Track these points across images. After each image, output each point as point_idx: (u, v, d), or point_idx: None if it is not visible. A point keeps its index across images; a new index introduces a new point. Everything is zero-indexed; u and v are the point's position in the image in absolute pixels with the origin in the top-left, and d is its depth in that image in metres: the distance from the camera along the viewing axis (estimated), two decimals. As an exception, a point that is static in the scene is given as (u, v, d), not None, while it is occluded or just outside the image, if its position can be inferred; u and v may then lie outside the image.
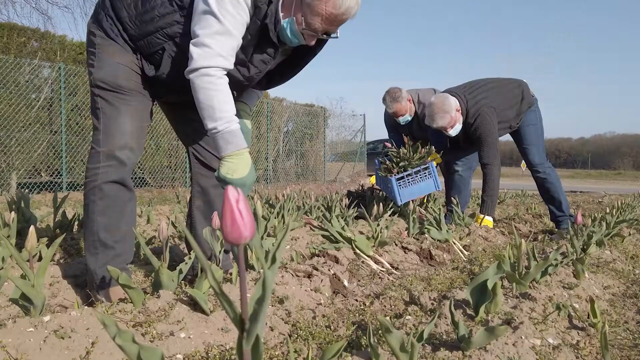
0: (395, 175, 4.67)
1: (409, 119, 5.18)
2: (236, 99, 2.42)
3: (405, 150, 4.70)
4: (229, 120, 1.99)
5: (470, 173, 5.04)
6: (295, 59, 2.33)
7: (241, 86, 2.24)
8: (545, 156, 4.68)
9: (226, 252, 2.40)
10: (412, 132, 5.32)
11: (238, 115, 2.40)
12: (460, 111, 4.38)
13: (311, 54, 2.28)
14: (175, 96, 2.35)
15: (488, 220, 4.48)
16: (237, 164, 2.03)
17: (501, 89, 4.54)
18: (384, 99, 5.14)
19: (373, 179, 5.92)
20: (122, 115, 2.12)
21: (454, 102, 4.33)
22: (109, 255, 2.13)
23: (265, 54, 2.16)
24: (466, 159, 4.94)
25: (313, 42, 2.13)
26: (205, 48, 1.95)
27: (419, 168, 4.66)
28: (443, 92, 4.62)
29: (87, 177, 2.13)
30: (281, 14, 2.05)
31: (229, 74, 2.08)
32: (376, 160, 5.22)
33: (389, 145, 4.86)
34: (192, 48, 1.97)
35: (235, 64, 2.10)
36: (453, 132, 4.41)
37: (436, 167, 4.75)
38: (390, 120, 5.40)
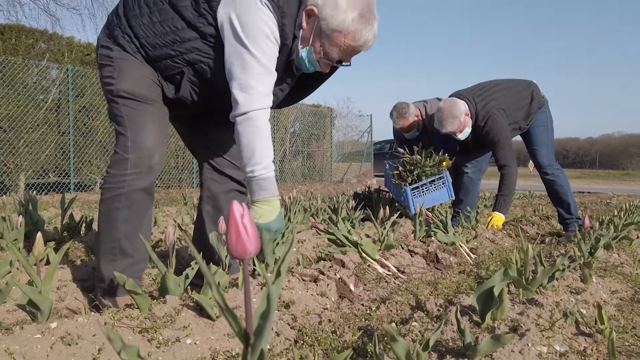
0: (409, 185, 4.64)
1: (417, 134, 5.15)
2: None
3: (419, 157, 4.66)
4: (266, 167, 2.03)
5: (479, 175, 5.00)
6: (308, 82, 2.37)
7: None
8: (555, 158, 4.66)
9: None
10: (423, 144, 5.27)
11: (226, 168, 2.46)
12: (469, 115, 4.36)
13: (323, 78, 2.33)
14: (190, 112, 2.39)
15: (499, 216, 4.46)
16: (266, 210, 2.07)
17: (510, 90, 4.51)
18: (391, 115, 5.11)
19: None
20: (148, 123, 2.14)
21: (462, 106, 4.32)
22: (127, 262, 2.13)
23: (284, 84, 2.21)
24: (476, 161, 4.90)
25: (328, 70, 2.18)
26: (250, 91, 1.98)
27: (434, 178, 4.63)
28: (451, 95, 4.61)
29: (111, 183, 2.10)
30: (300, 44, 2.09)
31: None
32: (386, 163, 5.17)
33: (402, 151, 4.80)
34: (236, 92, 1.99)
35: None
36: (462, 136, 4.40)
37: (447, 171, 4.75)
38: (399, 133, 5.35)
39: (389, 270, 2.90)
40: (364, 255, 2.91)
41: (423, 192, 4.66)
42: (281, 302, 2.12)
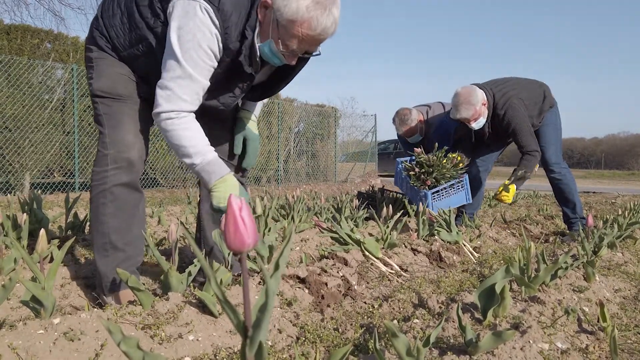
0: (429, 188, 4.48)
1: (420, 138, 5.17)
2: (236, 107, 2.48)
3: (436, 158, 4.53)
4: (203, 153, 2.02)
5: (485, 175, 4.96)
6: (286, 71, 2.32)
7: (217, 110, 2.25)
8: (562, 157, 4.62)
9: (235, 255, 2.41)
10: (424, 147, 5.27)
11: (241, 122, 2.44)
12: (486, 105, 4.32)
13: (299, 66, 2.26)
14: None
15: (512, 187, 4.31)
16: (224, 190, 2.05)
17: (525, 86, 4.49)
18: (393, 120, 5.16)
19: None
20: (125, 119, 2.15)
21: (481, 95, 4.27)
22: (120, 257, 2.15)
23: (242, 83, 2.17)
24: (482, 161, 4.85)
25: (294, 62, 2.12)
26: (168, 91, 1.97)
27: (454, 182, 4.52)
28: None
29: (95, 180, 2.14)
30: (258, 39, 2.05)
31: (204, 103, 2.12)
32: (398, 162, 4.94)
33: (418, 150, 4.65)
34: (157, 90, 2.00)
35: (212, 94, 2.14)
36: (476, 125, 4.34)
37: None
38: (403, 138, 5.40)
39: (391, 269, 2.90)
40: (367, 253, 2.91)
41: (442, 195, 4.52)
42: (284, 299, 2.12)
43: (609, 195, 11.05)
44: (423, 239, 3.66)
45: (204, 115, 2.27)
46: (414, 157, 4.70)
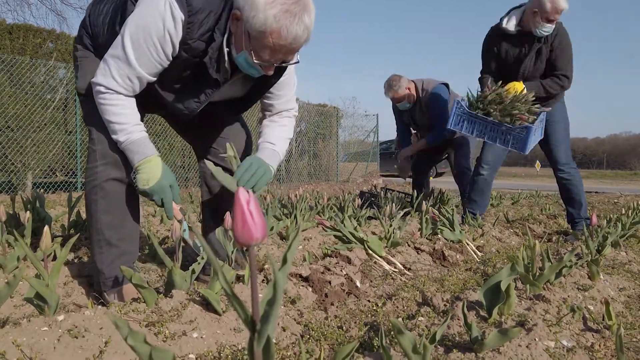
0: (531, 122, 4.04)
1: (407, 105, 5.44)
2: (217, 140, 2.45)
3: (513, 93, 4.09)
4: (129, 132, 2.00)
5: (494, 175, 4.87)
6: (263, 82, 2.28)
7: (184, 115, 2.20)
8: (572, 157, 4.56)
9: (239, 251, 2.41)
10: (414, 117, 5.60)
11: (221, 161, 2.40)
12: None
13: (276, 76, 2.22)
14: (156, 111, 2.43)
15: (521, 84, 4.17)
16: (148, 170, 2.02)
17: None
18: (384, 86, 5.44)
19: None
20: None
21: None
22: (114, 253, 2.15)
23: (208, 89, 2.12)
24: (492, 161, 4.75)
25: (272, 72, 2.08)
26: (105, 66, 1.98)
27: (541, 115, 4.13)
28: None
29: (87, 177, 2.15)
30: (234, 49, 2.02)
31: (168, 103, 2.12)
32: (457, 102, 4.32)
33: (490, 87, 4.22)
34: (100, 61, 2.01)
35: (176, 96, 2.13)
36: (547, 30, 4.03)
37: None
38: (395, 106, 5.67)
39: (395, 267, 2.89)
40: (370, 252, 2.91)
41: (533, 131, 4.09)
42: (287, 297, 2.12)
43: (612, 195, 11.03)
44: (426, 238, 3.65)
45: (202, 112, 2.27)
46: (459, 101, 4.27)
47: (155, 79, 2.06)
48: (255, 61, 1.97)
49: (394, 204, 4.00)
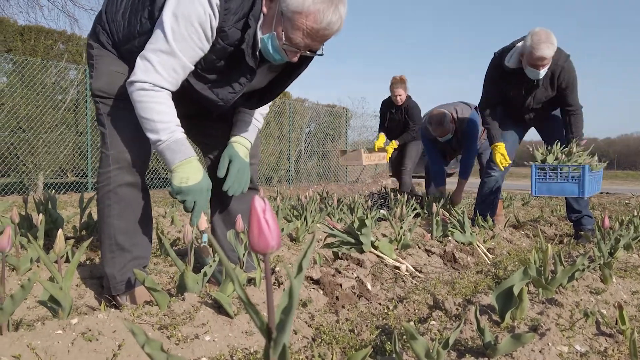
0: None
1: (451, 137, 5.54)
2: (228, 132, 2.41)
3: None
4: (172, 131, 1.95)
5: (503, 176, 4.89)
6: (283, 76, 2.28)
7: (217, 106, 2.18)
8: None
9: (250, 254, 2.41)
10: (451, 146, 5.73)
11: (230, 146, 2.35)
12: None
13: (298, 70, 2.22)
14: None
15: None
16: (189, 170, 1.98)
17: None
18: (429, 123, 5.50)
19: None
20: (126, 118, 2.11)
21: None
22: (127, 258, 2.14)
23: (242, 77, 2.10)
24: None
25: (296, 59, 2.06)
26: (146, 62, 1.93)
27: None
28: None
29: (99, 182, 2.13)
30: (260, 32, 2.00)
31: (203, 95, 2.08)
32: (533, 166, 4.34)
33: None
34: (137, 60, 1.95)
35: (210, 85, 2.10)
36: (543, 72, 4.10)
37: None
38: (429, 135, 5.70)
39: (406, 270, 2.89)
40: (381, 254, 2.90)
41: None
42: (298, 300, 2.12)
43: (623, 196, 10.93)
44: (437, 240, 3.64)
45: (208, 113, 2.26)
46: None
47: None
48: (284, 44, 1.96)
49: (404, 206, 3.99)
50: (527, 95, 4.33)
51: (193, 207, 2.02)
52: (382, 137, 6.61)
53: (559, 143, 4.25)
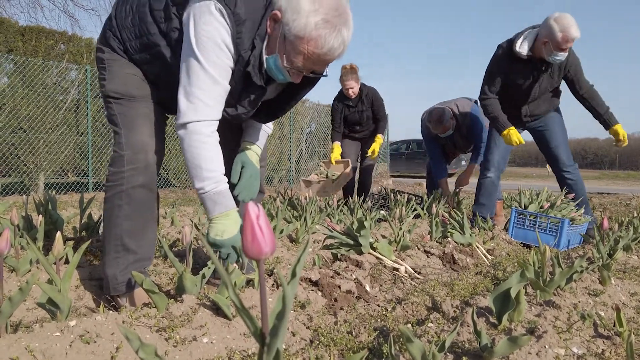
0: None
1: (451, 132, 5.59)
2: (239, 137, 2.41)
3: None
4: (216, 181, 1.95)
5: (499, 176, 4.92)
6: (293, 91, 2.27)
7: (226, 121, 2.17)
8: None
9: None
10: (454, 142, 5.76)
11: (242, 152, 2.36)
12: None
13: (308, 85, 2.22)
14: None
15: (619, 126, 4.51)
16: (227, 224, 1.98)
17: None
18: (428, 122, 5.53)
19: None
20: (140, 119, 2.13)
21: None
22: (130, 259, 2.15)
23: (252, 96, 2.10)
24: (497, 162, 4.79)
25: (299, 80, 2.06)
26: (193, 99, 1.91)
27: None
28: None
29: (111, 181, 2.12)
30: (265, 52, 1.99)
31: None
32: (514, 211, 4.49)
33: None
34: (180, 99, 1.93)
35: (225, 105, 2.09)
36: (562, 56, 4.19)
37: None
38: (429, 132, 5.75)
39: (405, 271, 2.89)
40: (380, 255, 2.91)
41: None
42: (297, 302, 2.12)
43: (624, 197, 10.92)
44: (436, 241, 3.64)
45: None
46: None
47: None
48: (285, 65, 1.96)
49: (403, 207, 3.99)
50: (534, 83, 4.39)
51: (226, 258, 2.03)
52: (338, 148, 6.16)
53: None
